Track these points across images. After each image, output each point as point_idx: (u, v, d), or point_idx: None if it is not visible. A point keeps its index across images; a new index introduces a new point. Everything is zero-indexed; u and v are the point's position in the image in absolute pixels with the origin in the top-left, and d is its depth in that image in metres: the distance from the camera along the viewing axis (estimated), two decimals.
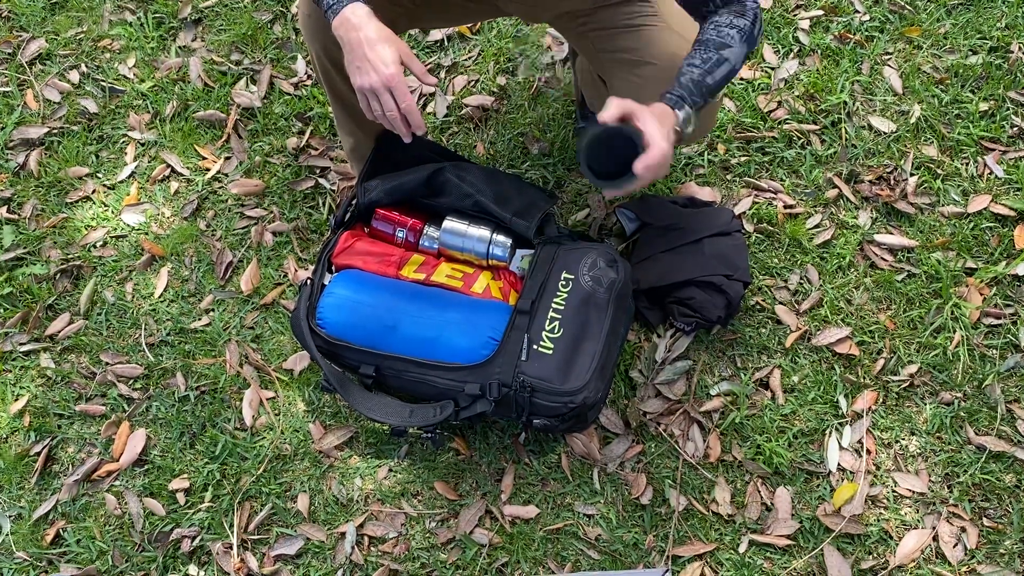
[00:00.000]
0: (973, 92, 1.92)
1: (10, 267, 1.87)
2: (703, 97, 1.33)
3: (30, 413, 1.71)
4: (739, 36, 1.32)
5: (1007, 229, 1.75)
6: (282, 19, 2.18)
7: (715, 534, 1.52)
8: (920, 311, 1.68)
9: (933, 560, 1.47)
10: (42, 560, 1.57)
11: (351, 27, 1.21)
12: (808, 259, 1.75)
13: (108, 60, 2.15)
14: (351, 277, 1.57)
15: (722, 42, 1.32)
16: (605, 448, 1.60)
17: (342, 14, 1.22)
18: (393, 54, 1.20)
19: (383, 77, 1.20)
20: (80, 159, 2.01)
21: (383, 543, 1.55)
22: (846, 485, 1.53)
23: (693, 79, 1.31)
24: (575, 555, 1.52)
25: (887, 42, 2.00)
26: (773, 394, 1.63)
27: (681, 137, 1.31)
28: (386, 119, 1.26)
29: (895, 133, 1.88)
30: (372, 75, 1.21)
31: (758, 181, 1.84)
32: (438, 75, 2.06)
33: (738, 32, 1.32)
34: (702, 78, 1.31)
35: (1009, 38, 1.97)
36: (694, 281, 1.61)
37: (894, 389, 1.62)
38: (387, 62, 1.20)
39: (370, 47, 1.20)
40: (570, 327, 1.47)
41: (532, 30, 2.09)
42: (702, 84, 1.31)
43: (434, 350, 1.48)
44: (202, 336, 1.76)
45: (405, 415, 1.50)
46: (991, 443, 1.55)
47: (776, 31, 2.03)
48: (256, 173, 1.95)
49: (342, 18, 1.22)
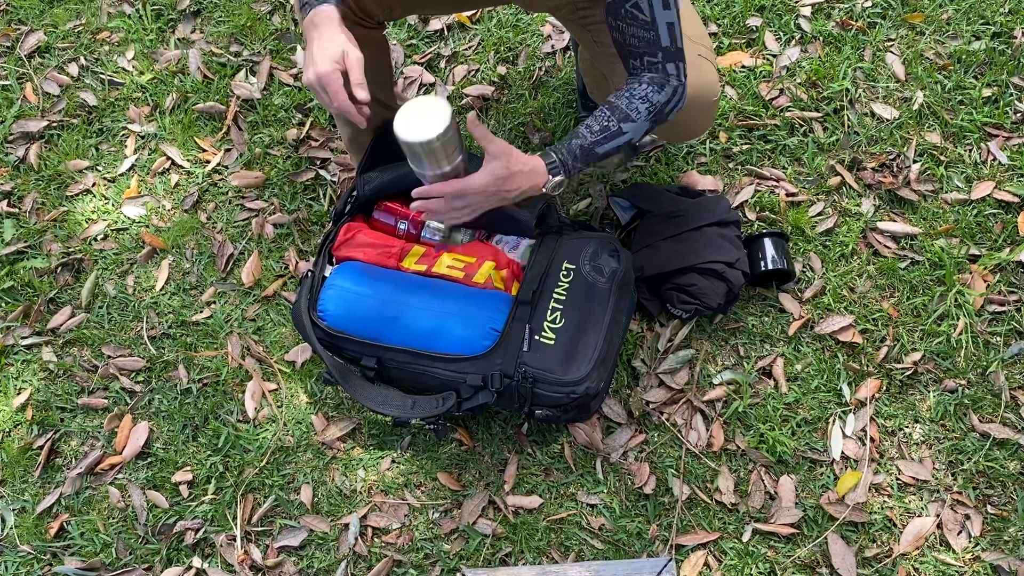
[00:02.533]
0: (976, 78, 1.90)
1: (11, 261, 1.87)
2: (587, 164, 1.33)
3: (32, 407, 1.71)
4: (647, 113, 1.31)
5: (1011, 215, 1.74)
6: (281, 10, 2.17)
7: (719, 523, 1.52)
8: (924, 298, 1.68)
9: (937, 547, 1.47)
10: (46, 553, 1.57)
11: (312, 26, 1.24)
12: (811, 247, 1.74)
13: (107, 53, 2.14)
14: (352, 269, 1.56)
15: (627, 114, 1.31)
16: (608, 438, 1.60)
17: (311, 13, 1.24)
18: (334, 54, 1.21)
19: (316, 75, 1.21)
20: (80, 152, 2.00)
21: (386, 534, 1.55)
22: (850, 473, 1.53)
23: (583, 146, 1.31)
24: (578, 545, 1.52)
25: (889, 28, 1.99)
26: (776, 383, 1.62)
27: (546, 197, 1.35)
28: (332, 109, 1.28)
29: (898, 120, 1.87)
30: (309, 72, 1.23)
31: (760, 169, 1.83)
32: (438, 65, 2.05)
33: (647, 108, 1.30)
34: (591, 147, 1.32)
35: (1012, 23, 1.95)
36: (695, 268, 1.60)
37: (897, 377, 1.61)
38: (322, 61, 1.21)
39: (318, 46, 1.22)
40: (572, 317, 1.46)
41: (531, 19, 2.08)
42: (589, 152, 1.32)
43: (435, 341, 1.48)
44: (204, 328, 1.76)
45: (407, 407, 1.50)
46: (995, 430, 1.55)
47: (778, 18, 2.02)
48: (256, 165, 1.95)
49: (309, 17, 1.24)
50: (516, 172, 1.28)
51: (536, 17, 2.08)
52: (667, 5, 1.23)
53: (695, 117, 1.45)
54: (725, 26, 2.02)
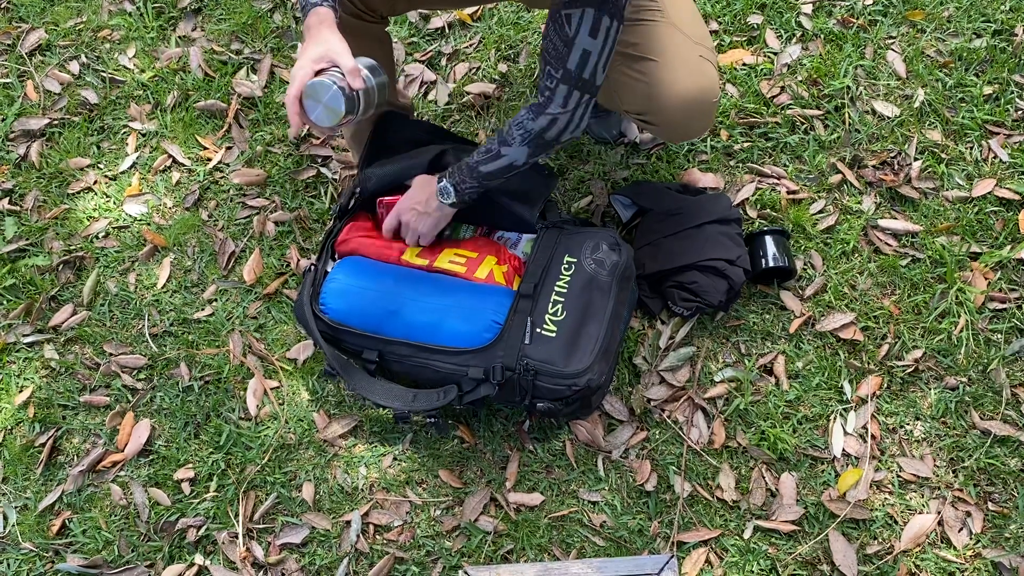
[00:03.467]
0: (977, 76, 1.90)
1: (13, 259, 1.87)
2: (476, 180, 1.43)
3: (34, 404, 1.71)
4: (520, 138, 1.37)
5: (1012, 213, 1.75)
6: (282, 8, 2.17)
7: (720, 520, 1.52)
8: (924, 296, 1.68)
9: (938, 544, 1.47)
10: (48, 550, 1.58)
11: (306, 27, 1.26)
12: (812, 245, 1.74)
13: (108, 50, 2.14)
14: (354, 263, 1.57)
15: (504, 139, 1.39)
16: (609, 435, 1.60)
17: (309, 14, 1.25)
18: (313, 54, 1.22)
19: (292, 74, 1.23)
20: (81, 150, 2.00)
21: (388, 531, 1.55)
22: (851, 470, 1.53)
23: (468, 163, 1.44)
24: (580, 542, 1.52)
25: (890, 26, 1.99)
26: (777, 380, 1.63)
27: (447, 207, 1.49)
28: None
29: (899, 117, 1.87)
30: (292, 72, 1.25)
31: (761, 167, 1.83)
32: (439, 62, 2.06)
33: (521, 135, 1.36)
34: (476, 165, 1.43)
35: (1013, 21, 1.96)
36: (696, 265, 1.61)
37: (899, 374, 1.61)
38: (299, 58, 1.24)
39: (304, 45, 1.25)
40: (573, 309, 1.46)
41: (533, 17, 2.08)
42: (474, 169, 1.43)
43: (437, 335, 1.48)
44: (205, 326, 1.76)
45: (409, 399, 1.50)
46: (996, 427, 1.55)
47: (779, 16, 2.02)
48: (257, 163, 1.95)
49: (306, 20, 1.26)
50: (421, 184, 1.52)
51: (537, 15, 2.08)
52: (594, 34, 1.25)
53: (694, 118, 1.45)
54: (726, 24, 2.02)
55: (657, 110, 1.44)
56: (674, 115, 1.43)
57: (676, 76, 1.40)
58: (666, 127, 1.48)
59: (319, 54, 1.22)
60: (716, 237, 1.64)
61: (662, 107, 1.43)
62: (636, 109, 1.48)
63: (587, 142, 1.90)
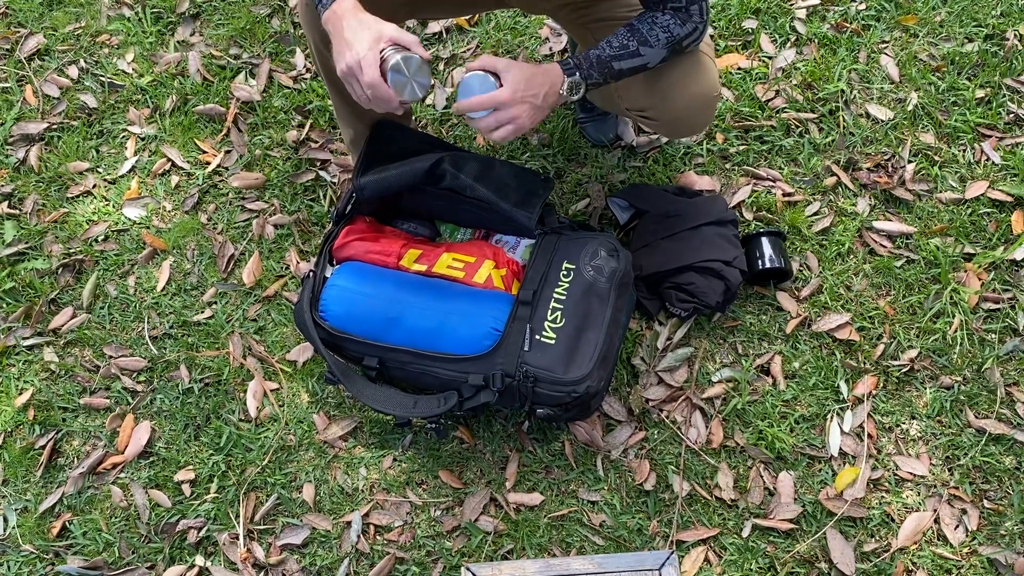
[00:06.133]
0: (969, 79, 1.93)
1: (12, 262, 1.87)
2: (603, 76, 1.35)
3: (34, 407, 1.71)
4: (665, 40, 1.34)
5: (1004, 214, 1.77)
6: (280, 13, 2.18)
7: (718, 519, 1.53)
8: (919, 296, 1.69)
9: (935, 542, 1.49)
10: (49, 552, 1.58)
11: (336, 18, 1.24)
12: (807, 246, 1.76)
13: (107, 55, 2.15)
14: (353, 269, 1.57)
15: (646, 39, 1.34)
16: (608, 435, 1.61)
17: (330, 8, 1.24)
18: (368, 39, 1.21)
19: (350, 61, 1.21)
20: (80, 154, 2.01)
21: (388, 532, 1.56)
22: (848, 469, 1.54)
23: (600, 57, 1.34)
24: (580, 541, 1.53)
25: (883, 30, 2.01)
26: (774, 380, 1.64)
27: (564, 101, 1.35)
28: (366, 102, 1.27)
29: (892, 121, 1.89)
30: (342, 61, 1.23)
31: (757, 170, 1.85)
32: (437, 67, 2.07)
33: (667, 37, 1.34)
34: (609, 60, 1.34)
35: (1004, 26, 1.98)
36: (693, 266, 1.62)
37: (894, 374, 1.63)
38: (355, 44, 1.21)
39: (349, 31, 1.22)
40: (572, 317, 1.47)
41: (531, 21, 2.09)
42: (606, 65, 1.34)
43: (437, 341, 1.49)
44: (205, 329, 1.77)
45: (409, 406, 1.50)
46: (991, 426, 1.56)
47: (773, 20, 2.04)
48: (256, 166, 1.96)
49: (330, 12, 1.25)
50: (532, 73, 1.29)
51: (534, 20, 2.10)
52: None
53: (697, 114, 1.46)
54: (721, 28, 2.04)
55: (659, 105, 1.44)
56: (676, 110, 1.44)
57: (678, 71, 1.41)
58: (668, 123, 1.49)
59: (374, 36, 1.21)
60: (713, 239, 1.65)
61: (664, 102, 1.44)
62: (638, 105, 1.48)
63: (584, 145, 1.91)
